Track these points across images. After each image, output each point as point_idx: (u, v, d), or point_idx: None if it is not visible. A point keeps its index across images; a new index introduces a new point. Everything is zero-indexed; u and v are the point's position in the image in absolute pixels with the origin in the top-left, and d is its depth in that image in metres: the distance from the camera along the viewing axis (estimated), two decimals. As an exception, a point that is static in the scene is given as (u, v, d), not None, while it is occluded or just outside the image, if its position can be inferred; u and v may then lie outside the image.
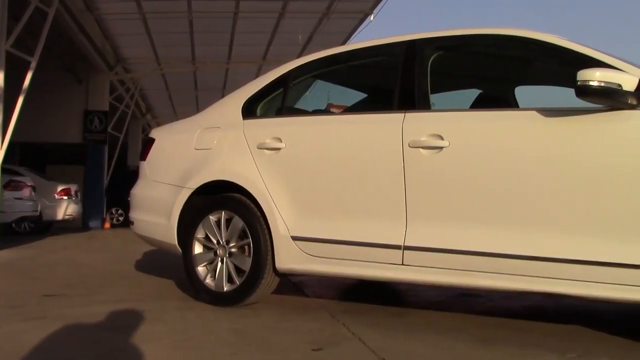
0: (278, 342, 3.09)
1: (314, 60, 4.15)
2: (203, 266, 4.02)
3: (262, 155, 3.88)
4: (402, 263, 3.33)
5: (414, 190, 3.32)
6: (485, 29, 3.49)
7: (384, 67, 4.17)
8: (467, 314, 3.81)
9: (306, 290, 4.64)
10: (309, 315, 3.70)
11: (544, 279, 2.95)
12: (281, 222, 3.73)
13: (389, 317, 3.64)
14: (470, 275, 3.14)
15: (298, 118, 4.07)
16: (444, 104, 4.04)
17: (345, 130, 3.69)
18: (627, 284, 2.76)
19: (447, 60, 3.83)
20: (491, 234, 3.09)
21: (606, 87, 2.78)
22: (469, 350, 2.91)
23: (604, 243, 2.82)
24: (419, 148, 3.31)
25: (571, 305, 3.94)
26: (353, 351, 2.90)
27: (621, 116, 2.85)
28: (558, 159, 2.97)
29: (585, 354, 2.81)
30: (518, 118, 3.23)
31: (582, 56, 3.06)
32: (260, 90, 4.20)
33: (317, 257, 3.63)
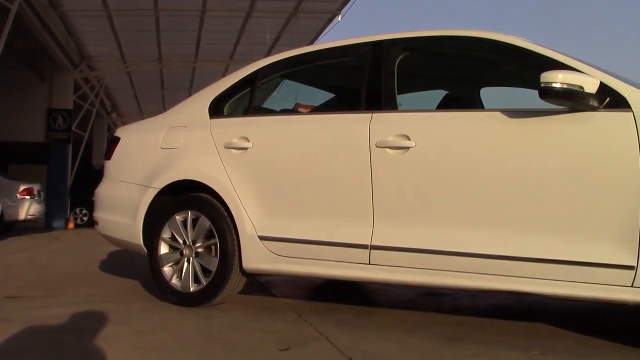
0: (245, 342, 3.07)
1: (282, 59, 4.14)
2: (169, 266, 3.99)
3: (229, 154, 3.86)
4: (369, 262, 3.34)
5: (381, 190, 3.34)
6: (451, 31, 3.53)
7: (351, 68, 4.18)
8: (433, 313, 3.85)
9: (273, 290, 4.63)
10: (276, 315, 3.69)
11: (509, 277, 2.99)
12: (248, 222, 3.71)
13: (356, 317, 3.65)
14: (436, 274, 3.17)
15: (266, 118, 4.06)
16: (411, 105, 4.07)
17: (313, 130, 3.69)
18: (589, 282, 2.82)
19: (414, 61, 3.86)
20: (457, 234, 3.12)
21: (568, 89, 2.83)
22: (436, 349, 2.94)
23: (567, 242, 2.87)
24: (385, 148, 3.33)
25: (534, 303, 4.01)
26: (320, 351, 2.90)
27: (583, 118, 2.91)
28: (522, 160, 3.01)
29: (547, 351, 2.86)
30: (483, 119, 3.27)
31: (545, 58, 3.11)
32: (228, 89, 4.17)
33: (284, 257, 3.62)
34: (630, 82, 2.96)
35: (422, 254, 3.18)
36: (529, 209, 2.98)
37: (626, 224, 2.74)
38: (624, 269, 2.73)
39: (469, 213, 3.12)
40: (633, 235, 2.72)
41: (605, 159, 2.83)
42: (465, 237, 3.10)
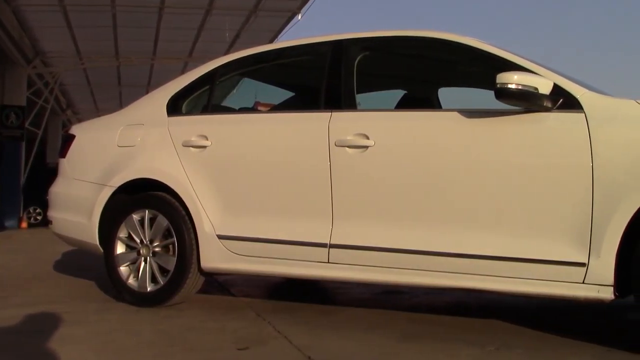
0: (203, 342, 3.05)
1: (242, 57, 4.13)
2: (125, 266, 3.94)
3: (188, 153, 3.83)
4: (328, 261, 3.36)
5: (340, 188, 3.35)
6: (410, 31, 3.56)
7: (311, 67, 4.19)
8: (392, 311, 3.88)
9: (232, 290, 4.60)
10: (234, 314, 3.67)
11: (465, 275, 3.04)
12: (207, 220, 3.69)
13: (315, 315, 3.66)
14: (394, 272, 3.20)
15: (225, 116, 4.04)
16: (370, 104, 4.10)
17: (272, 129, 3.69)
18: (542, 279, 2.88)
19: (373, 60, 3.88)
20: (415, 232, 3.16)
21: (523, 90, 2.89)
22: (394, 346, 2.96)
23: (521, 240, 2.93)
24: (345, 147, 3.35)
25: (490, 300, 4.08)
26: (279, 350, 2.90)
27: (537, 118, 2.97)
28: (478, 159, 3.07)
29: (502, 347, 2.91)
30: (441, 118, 3.31)
31: (501, 59, 3.17)
32: (186, 87, 4.13)
33: (243, 256, 3.61)
34: (582, 84, 3.04)
35: (380, 252, 3.21)
36: (484, 208, 3.03)
37: (578, 222, 2.82)
38: (576, 266, 2.80)
39: (425, 212, 3.16)
40: (584, 233, 2.80)
41: (558, 158, 2.89)
42: (423, 236, 3.13)
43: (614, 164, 2.77)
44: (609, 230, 2.74)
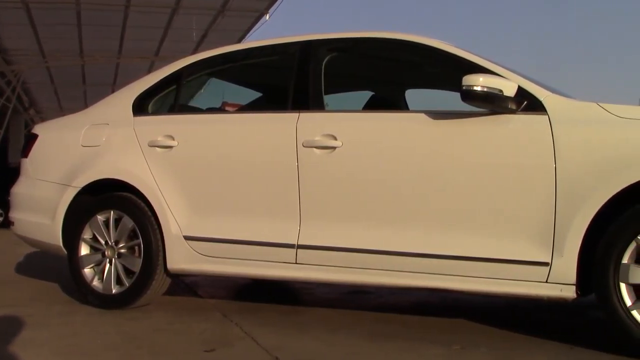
0: (169, 344, 3.02)
1: (209, 57, 4.10)
2: (90, 268, 3.88)
3: (154, 153, 3.79)
4: (296, 262, 3.36)
5: (308, 189, 3.36)
6: (377, 33, 3.59)
7: (279, 67, 4.18)
8: (359, 311, 3.90)
9: (199, 291, 4.57)
10: (201, 316, 3.65)
11: (430, 275, 3.07)
12: (173, 221, 3.66)
13: (282, 316, 3.66)
14: (361, 272, 3.21)
15: (191, 116, 4.01)
16: (338, 105, 4.11)
17: (240, 129, 3.67)
18: (506, 278, 2.93)
19: (341, 61, 3.89)
20: (381, 232, 3.18)
21: (488, 92, 2.93)
22: (361, 345, 2.98)
23: (486, 240, 2.98)
24: (312, 148, 3.35)
25: (456, 300, 4.12)
26: (246, 351, 2.89)
27: (502, 120, 3.01)
28: (444, 160, 3.10)
29: (468, 346, 2.95)
30: (408, 120, 3.34)
31: (467, 62, 3.21)
32: (153, 86, 4.09)
33: (210, 257, 3.59)
34: (545, 87, 3.09)
35: (347, 252, 3.22)
36: (450, 208, 3.07)
37: (541, 222, 2.87)
38: (539, 266, 2.86)
39: (392, 212, 3.18)
40: (548, 233, 2.85)
41: (522, 159, 2.94)
42: (390, 236, 3.15)
43: (577, 165, 2.83)
44: (572, 230, 2.80)
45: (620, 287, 2.71)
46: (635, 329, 2.68)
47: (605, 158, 2.78)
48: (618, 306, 2.71)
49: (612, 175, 2.75)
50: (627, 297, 2.71)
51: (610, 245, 2.74)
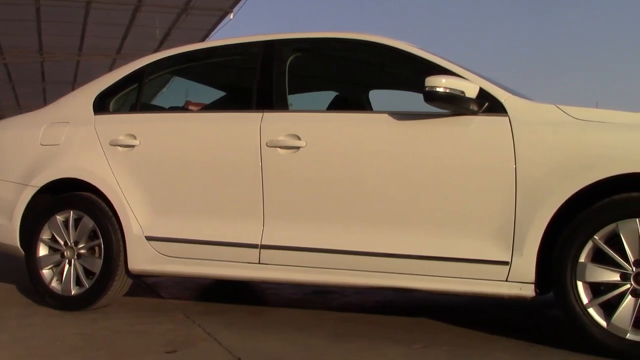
0: (130, 346, 2.99)
1: (172, 56, 4.06)
2: (48, 269, 3.81)
3: (115, 152, 3.74)
4: (259, 262, 3.35)
5: (271, 189, 3.35)
6: (341, 33, 3.60)
7: (243, 66, 4.17)
8: (322, 310, 3.90)
9: (161, 292, 4.52)
10: (163, 317, 3.61)
11: (393, 274, 3.10)
12: (135, 221, 3.61)
13: (246, 316, 3.64)
14: (325, 272, 3.22)
15: (154, 115, 3.96)
16: (302, 105, 4.11)
17: (203, 129, 3.65)
18: (467, 277, 2.97)
19: (305, 61, 3.90)
20: (345, 233, 3.19)
21: (451, 94, 2.97)
22: (324, 345, 2.99)
23: (447, 240, 3.01)
24: (276, 148, 3.35)
25: (419, 299, 4.16)
26: (208, 352, 2.87)
27: (463, 121, 3.05)
28: (407, 161, 3.12)
29: (430, 345, 2.98)
30: (371, 120, 3.36)
31: (430, 63, 3.24)
32: (114, 84, 4.04)
33: (172, 258, 3.56)
34: (506, 89, 3.14)
35: (311, 252, 3.23)
36: (412, 208, 3.10)
37: (502, 222, 2.92)
38: (500, 265, 2.90)
39: (356, 213, 3.19)
40: (508, 233, 2.90)
41: (484, 160, 2.98)
42: (353, 236, 3.17)
43: (536, 166, 2.88)
44: (531, 230, 2.85)
45: (577, 285, 2.78)
46: (591, 326, 2.74)
47: (563, 159, 2.84)
48: (575, 304, 2.78)
49: (570, 176, 2.81)
50: (584, 295, 2.78)
51: (567, 244, 2.80)
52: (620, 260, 2.71)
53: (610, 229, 2.74)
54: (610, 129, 2.85)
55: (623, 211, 2.73)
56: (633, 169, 2.71)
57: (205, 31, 15.02)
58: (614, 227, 2.73)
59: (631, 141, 2.78)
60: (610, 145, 2.80)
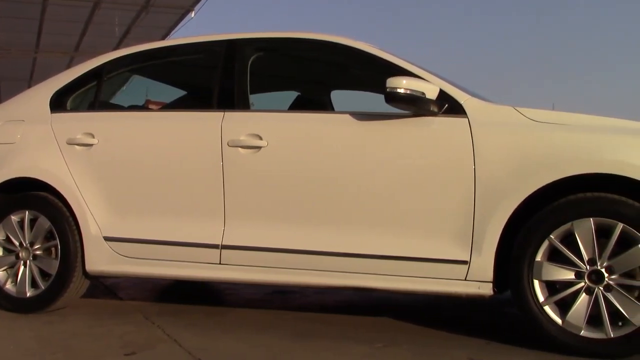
0: (87, 348, 2.94)
1: (132, 54, 4.01)
2: (3, 270, 3.72)
3: (73, 151, 3.67)
4: (220, 262, 3.33)
5: (233, 189, 3.33)
6: (303, 33, 3.60)
7: (204, 65, 4.13)
8: (283, 311, 3.90)
9: (120, 293, 4.45)
10: (121, 318, 3.56)
11: (354, 274, 3.11)
12: (93, 222, 3.55)
13: (206, 317, 3.61)
14: (286, 272, 3.22)
15: (113, 113, 3.90)
16: (264, 105, 4.10)
17: (163, 128, 3.61)
18: (427, 276, 3.00)
19: (267, 61, 3.89)
20: (306, 232, 3.19)
21: (411, 95, 2.99)
22: (285, 345, 2.98)
23: (407, 239, 3.04)
24: (237, 147, 3.33)
25: (380, 299, 4.19)
26: (168, 353, 2.85)
27: (424, 122, 3.09)
28: (368, 161, 3.14)
29: (390, 344, 3.00)
30: (333, 121, 3.37)
31: (391, 64, 3.27)
32: (72, 82, 3.96)
33: (131, 258, 3.51)
34: (466, 90, 3.19)
35: (272, 252, 3.22)
36: (373, 208, 3.12)
37: (461, 222, 2.96)
38: (459, 264, 2.94)
39: (317, 212, 3.20)
40: (467, 233, 2.94)
41: (443, 160, 3.02)
42: (313, 236, 3.17)
43: (494, 166, 2.93)
44: (489, 230, 2.90)
45: (533, 284, 2.84)
46: (547, 324, 2.80)
47: (521, 159, 2.90)
48: (532, 302, 2.84)
49: (528, 176, 2.86)
50: (540, 294, 2.84)
51: (524, 243, 2.85)
52: (575, 259, 2.78)
53: (566, 229, 2.80)
54: (565, 130, 2.92)
55: (578, 211, 2.79)
56: (587, 169, 2.79)
57: (165, 29, 14.84)
58: (569, 226, 2.79)
59: (585, 143, 2.85)
60: (565, 146, 2.86)
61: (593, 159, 2.81)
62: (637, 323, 2.68)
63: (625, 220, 2.71)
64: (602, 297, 2.73)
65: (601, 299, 2.73)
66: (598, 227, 2.75)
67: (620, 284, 2.73)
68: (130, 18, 13.94)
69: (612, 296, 2.73)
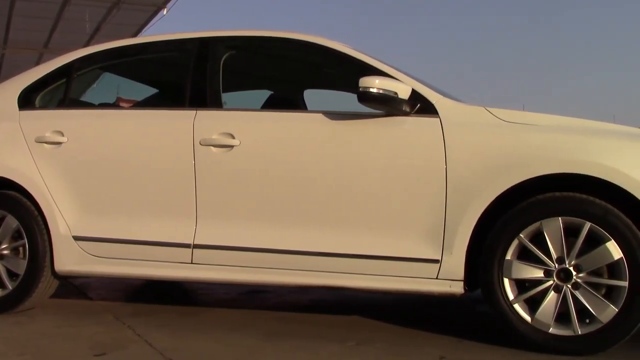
0: (56, 349, 2.90)
1: (103, 51, 3.96)
2: (-31, 271, 3.64)
3: (41, 149, 3.61)
4: (192, 262, 3.31)
5: (205, 188, 3.31)
6: (276, 32, 3.59)
7: (176, 63, 4.10)
8: (256, 310, 3.89)
9: (89, 293, 4.40)
10: (92, 319, 3.51)
11: (327, 273, 3.12)
12: (62, 221, 3.50)
13: (179, 317, 3.59)
14: (259, 272, 3.21)
15: (83, 111, 3.85)
16: (236, 103, 4.09)
17: (135, 126, 3.57)
18: (399, 275, 3.02)
19: (239, 60, 3.87)
20: (278, 232, 3.19)
21: (384, 95, 3.01)
22: (258, 345, 2.98)
23: (379, 238, 3.06)
24: (210, 146, 3.31)
25: (352, 298, 4.20)
26: (139, 354, 2.82)
27: (396, 121, 3.11)
28: (340, 160, 3.15)
29: (363, 342, 3.02)
30: (306, 120, 3.37)
31: (364, 64, 3.28)
32: (41, 79, 3.90)
33: (102, 258, 3.47)
34: (438, 90, 3.22)
35: (244, 252, 3.22)
36: (345, 207, 3.12)
37: (432, 221, 2.98)
38: (430, 263, 2.97)
39: (289, 212, 3.20)
40: (438, 232, 2.97)
41: (415, 160, 3.04)
42: (286, 235, 3.17)
43: (465, 166, 2.96)
44: (461, 229, 2.93)
45: (504, 282, 2.87)
46: (517, 321, 2.84)
47: (492, 159, 2.93)
48: (502, 300, 2.87)
49: (498, 176, 2.90)
50: (510, 292, 2.87)
51: (495, 242, 2.89)
52: (544, 257, 2.82)
53: (535, 228, 2.84)
54: (535, 131, 2.96)
55: (547, 210, 2.84)
56: (556, 169, 2.83)
57: (137, 27, 14.70)
58: (538, 225, 2.83)
59: (555, 143, 2.90)
60: (535, 146, 2.90)
61: (562, 159, 2.85)
62: (604, 320, 2.73)
63: (592, 220, 2.76)
64: (570, 294, 2.78)
65: (569, 296, 2.78)
66: (566, 226, 2.80)
67: (588, 281, 2.78)
68: (101, 15, 13.78)
69: (579, 294, 2.77)
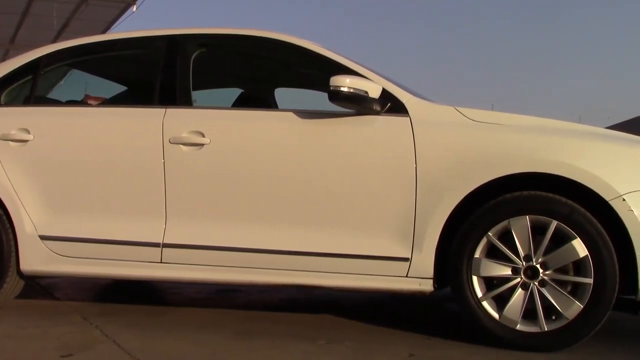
0: (22, 350, 2.85)
1: (70, 47, 3.89)
2: None
3: (6, 147, 3.54)
4: (161, 261, 3.28)
5: (174, 187, 3.29)
6: (247, 30, 3.58)
7: (145, 61, 4.06)
8: (226, 309, 3.88)
9: (56, 293, 4.33)
10: (58, 319, 3.46)
11: (297, 272, 3.12)
12: (28, 220, 3.44)
13: (147, 317, 3.55)
14: (228, 271, 3.20)
15: (50, 108, 3.78)
16: (207, 102, 4.06)
17: (103, 124, 3.52)
18: (369, 273, 3.04)
19: (210, 57, 3.85)
20: (248, 230, 3.18)
21: (354, 94, 3.02)
22: (228, 344, 2.97)
23: (349, 237, 3.07)
24: (179, 144, 3.29)
25: (322, 296, 4.21)
26: (107, 354, 2.79)
27: (367, 120, 3.12)
28: (311, 159, 3.15)
29: (332, 340, 3.03)
30: (276, 118, 3.37)
31: (334, 63, 3.29)
32: (6, 75, 3.81)
33: (69, 258, 3.42)
34: (408, 90, 3.24)
35: (214, 251, 3.20)
36: (315, 206, 3.13)
37: (403, 220, 3.00)
38: (400, 261, 2.99)
39: (259, 210, 3.19)
40: (408, 230, 2.99)
41: (385, 159, 3.06)
42: (256, 234, 3.17)
43: (435, 165, 2.99)
44: (430, 227, 2.95)
45: (472, 279, 2.91)
46: (485, 318, 2.88)
47: (461, 158, 2.96)
48: (470, 297, 2.91)
49: (467, 175, 2.93)
50: (479, 289, 2.91)
51: (463, 240, 2.92)
52: (512, 255, 2.86)
53: (503, 226, 2.88)
54: (504, 130, 3.00)
55: (515, 209, 2.88)
56: (524, 168, 2.87)
57: (106, 23, 14.49)
58: (506, 224, 2.87)
59: (523, 142, 2.94)
60: (503, 146, 2.94)
61: (529, 158, 2.89)
62: (569, 317, 2.78)
63: (559, 218, 2.81)
64: (537, 292, 2.83)
65: (536, 293, 2.83)
66: (534, 225, 2.84)
67: (554, 279, 2.83)
68: (69, 10, 13.55)
69: (546, 291, 2.82)
